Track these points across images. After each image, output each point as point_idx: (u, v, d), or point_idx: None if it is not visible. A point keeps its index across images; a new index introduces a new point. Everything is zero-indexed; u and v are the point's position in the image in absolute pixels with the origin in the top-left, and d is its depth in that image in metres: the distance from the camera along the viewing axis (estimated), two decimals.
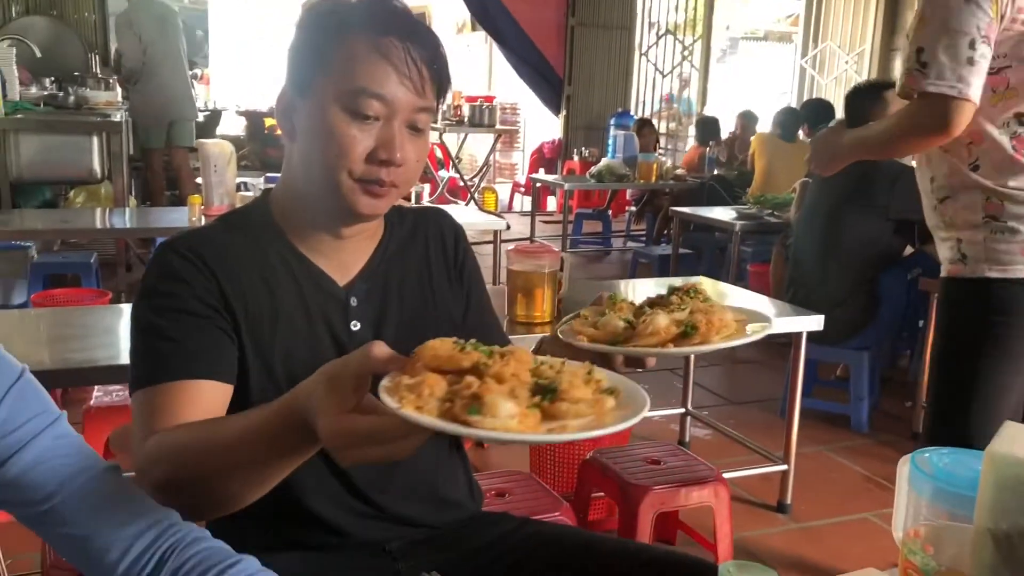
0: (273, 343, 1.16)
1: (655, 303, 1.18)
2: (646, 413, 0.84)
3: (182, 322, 1.11)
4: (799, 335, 2.83)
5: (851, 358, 3.78)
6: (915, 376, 3.83)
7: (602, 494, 2.58)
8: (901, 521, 1.17)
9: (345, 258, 1.23)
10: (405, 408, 0.77)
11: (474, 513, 1.35)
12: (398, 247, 1.29)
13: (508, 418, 0.77)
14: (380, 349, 0.84)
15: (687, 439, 3.58)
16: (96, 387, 2.69)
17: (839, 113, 5.55)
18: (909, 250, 3.83)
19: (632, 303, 1.19)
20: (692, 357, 3.54)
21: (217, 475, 0.96)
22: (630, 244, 8.19)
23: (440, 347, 0.85)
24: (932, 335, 2.60)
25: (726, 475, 2.45)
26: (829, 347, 3.69)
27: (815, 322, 2.78)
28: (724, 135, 7.92)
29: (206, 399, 1.09)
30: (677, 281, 1.16)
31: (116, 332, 2.32)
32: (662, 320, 1.07)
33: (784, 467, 2.98)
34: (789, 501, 3.00)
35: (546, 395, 0.82)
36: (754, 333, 1.11)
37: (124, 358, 2.05)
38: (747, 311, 1.19)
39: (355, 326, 1.21)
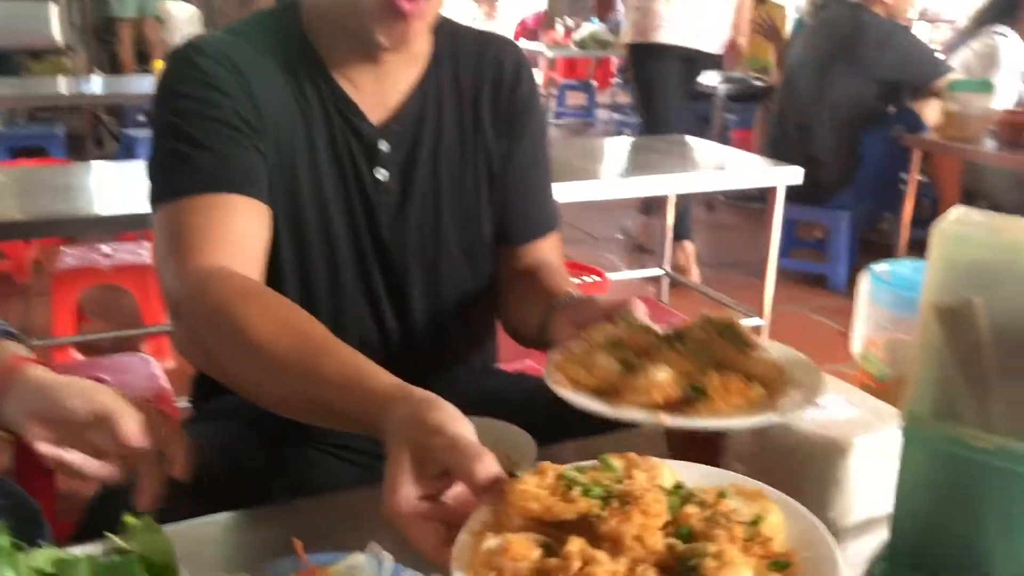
0: (298, 178, 1.01)
1: (675, 337, 0.87)
2: None
3: (214, 130, 0.94)
4: (774, 189, 2.82)
5: (830, 218, 3.78)
6: (894, 239, 3.85)
7: None
8: (860, 334, 1.19)
9: (382, 89, 1.06)
10: None
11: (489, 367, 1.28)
12: (446, 78, 1.10)
13: None
14: (485, 469, 0.63)
15: (665, 300, 3.62)
16: (63, 249, 2.68)
17: None
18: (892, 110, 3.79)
19: (654, 332, 0.88)
20: (671, 212, 3.52)
21: (252, 383, 0.85)
22: (615, 115, 8.10)
23: (535, 491, 0.62)
24: None
25: None
26: (808, 207, 3.68)
27: (793, 174, 2.75)
28: None
29: (244, 220, 0.93)
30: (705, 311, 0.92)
31: (87, 188, 2.27)
32: (660, 375, 0.80)
33: (760, 321, 3.02)
34: None
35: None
36: (786, 406, 0.79)
37: (96, 210, 2.03)
38: (791, 359, 0.86)
39: (380, 174, 1.06)
